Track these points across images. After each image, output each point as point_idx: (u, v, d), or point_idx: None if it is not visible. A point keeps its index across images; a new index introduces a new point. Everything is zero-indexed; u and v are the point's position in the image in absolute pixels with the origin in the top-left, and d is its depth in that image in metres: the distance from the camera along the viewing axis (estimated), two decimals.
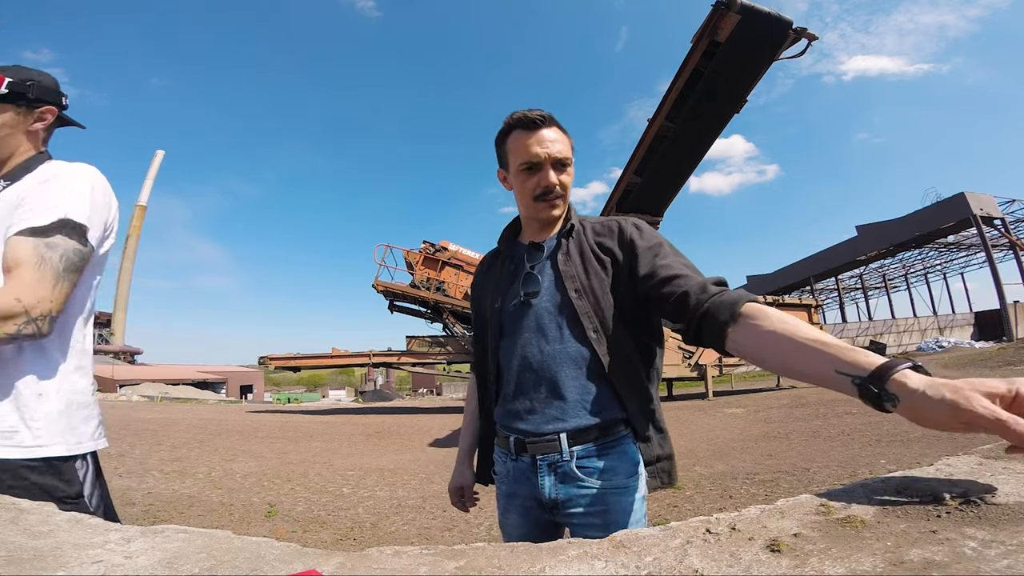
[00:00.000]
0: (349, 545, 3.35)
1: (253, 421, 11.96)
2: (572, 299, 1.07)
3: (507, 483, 1.14)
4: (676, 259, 1.04)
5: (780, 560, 0.44)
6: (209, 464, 6.18)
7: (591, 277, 1.08)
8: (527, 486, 1.09)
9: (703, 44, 6.37)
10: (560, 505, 1.05)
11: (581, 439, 1.03)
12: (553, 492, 1.05)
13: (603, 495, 1.02)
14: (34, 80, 1.14)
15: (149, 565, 0.52)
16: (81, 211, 1.03)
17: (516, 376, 1.10)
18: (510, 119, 1.12)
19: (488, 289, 1.23)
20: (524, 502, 1.10)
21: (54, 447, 1.00)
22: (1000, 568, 0.38)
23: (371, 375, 53.39)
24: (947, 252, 30.60)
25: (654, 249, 1.06)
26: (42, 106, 1.15)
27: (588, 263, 1.09)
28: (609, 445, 1.04)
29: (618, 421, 1.05)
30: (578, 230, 1.15)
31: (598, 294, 1.06)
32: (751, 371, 18.73)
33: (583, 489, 1.03)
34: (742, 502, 3.77)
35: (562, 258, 1.11)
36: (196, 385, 33.46)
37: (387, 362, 13.76)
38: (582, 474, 1.03)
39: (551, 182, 1.09)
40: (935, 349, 22.86)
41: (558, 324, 1.07)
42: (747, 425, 7.53)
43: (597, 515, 1.02)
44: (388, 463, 6.24)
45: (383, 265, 13.47)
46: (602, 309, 1.06)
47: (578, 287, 1.07)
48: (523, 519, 1.12)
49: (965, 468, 0.61)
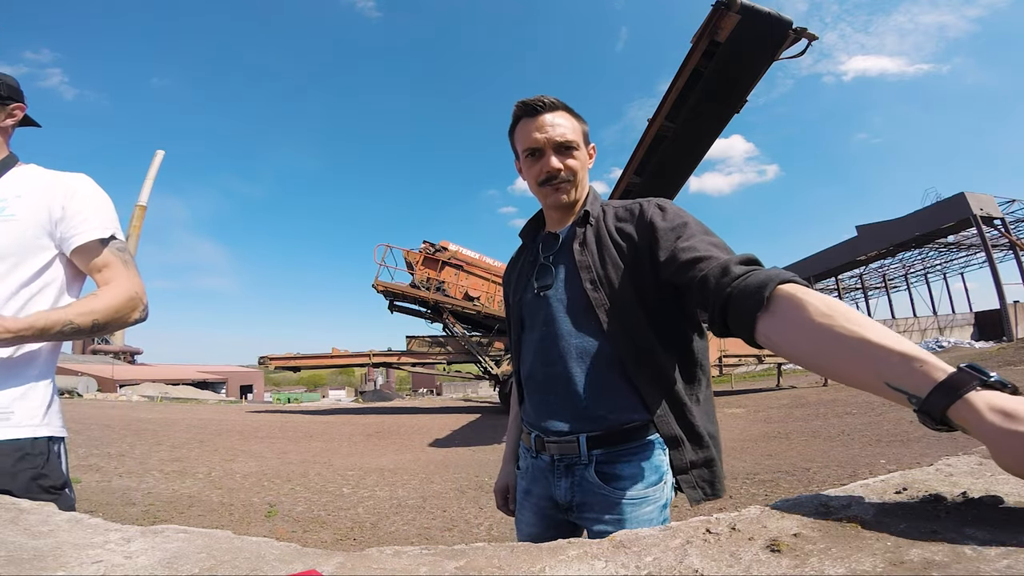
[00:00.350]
0: (349, 545, 3.35)
1: (253, 421, 11.96)
2: (587, 290, 1.00)
3: (526, 479, 1.12)
4: (703, 239, 0.91)
5: (780, 560, 0.44)
6: (209, 464, 6.18)
7: (608, 266, 1.00)
8: (543, 485, 1.06)
9: (703, 44, 6.37)
10: (575, 508, 1.01)
11: (601, 442, 0.98)
12: (568, 495, 1.01)
13: (619, 504, 0.95)
14: (3, 78, 1.16)
15: (149, 565, 0.52)
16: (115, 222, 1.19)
17: (534, 372, 1.07)
18: (515, 108, 1.09)
19: (512, 283, 1.21)
20: (539, 501, 1.08)
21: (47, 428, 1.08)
22: (1000, 568, 0.38)
23: (371, 375, 53.38)
24: (947, 252, 30.58)
25: (677, 230, 0.94)
26: (12, 103, 1.16)
27: (605, 251, 1.02)
28: (631, 451, 0.97)
29: (642, 424, 0.97)
30: (597, 216, 1.08)
31: (615, 284, 0.99)
32: (751, 371, 18.71)
33: (599, 496, 0.97)
34: (742, 502, 3.77)
35: (578, 247, 1.05)
36: (196, 385, 33.46)
37: (387, 362, 13.76)
38: (600, 479, 0.97)
39: (553, 167, 1.05)
40: (935, 349, 22.84)
41: (573, 317, 1.02)
42: (747, 425, 7.53)
43: (611, 523, 0.95)
44: (388, 463, 6.23)
45: (383, 265, 13.46)
46: (620, 300, 0.98)
47: (593, 277, 1.01)
48: (536, 517, 1.09)
49: (965, 468, 0.61)
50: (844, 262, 30.99)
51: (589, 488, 0.99)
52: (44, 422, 1.06)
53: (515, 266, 1.24)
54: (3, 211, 1.06)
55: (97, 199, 1.16)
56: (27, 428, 1.02)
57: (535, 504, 1.09)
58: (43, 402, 1.07)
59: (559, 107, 1.07)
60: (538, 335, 1.06)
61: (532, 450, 1.09)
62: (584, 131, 1.11)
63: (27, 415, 1.03)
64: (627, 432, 0.97)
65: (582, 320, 1.01)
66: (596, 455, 0.98)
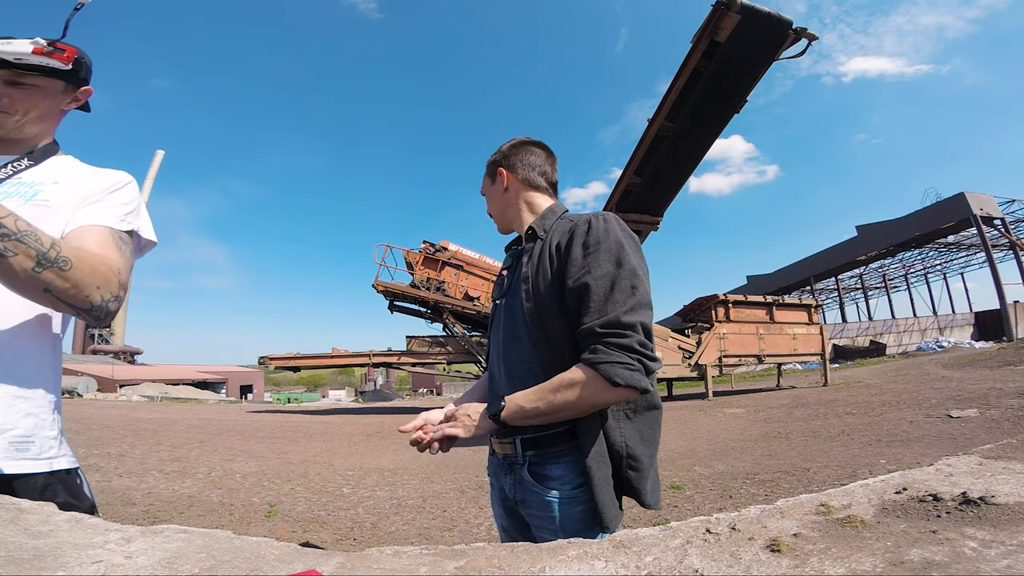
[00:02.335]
0: (349, 545, 3.35)
1: (253, 421, 11.96)
2: (522, 300, 1.08)
3: (491, 474, 1.24)
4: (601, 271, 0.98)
5: (780, 560, 0.44)
6: (209, 464, 6.18)
7: (539, 278, 1.07)
8: (499, 479, 1.18)
9: (703, 44, 6.37)
10: (519, 503, 1.11)
11: (533, 445, 1.06)
12: (512, 490, 1.11)
13: (551, 503, 1.03)
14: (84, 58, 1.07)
15: (149, 565, 0.52)
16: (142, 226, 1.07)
17: (492, 375, 1.20)
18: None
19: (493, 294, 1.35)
20: (500, 494, 1.19)
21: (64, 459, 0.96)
22: (1000, 568, 0.38)
23: (371, 375, 53.35)
24: (947, 252, 30.58)
25: (587, 261, 1.00)
26: (84, 86, 1.10)
27: (542, 264, 1.09)
28: (556, 454, 1.04)
29: (566, 430, 1.03)
30: (548, 230, 1.15)
31: (543, 295, 1.05)
32: (751, 371, 18.73)
33: (534, 493, 1.06)
34: (742, 502, 3.77)
35: (525, 260, 1.14)
36: (196, 385, 33.48)
37: (387, 362, 13.75)
38: (533, 479, 1.06)
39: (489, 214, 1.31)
40: (935, 349, 22.84)
41: (512, 326, 1.12)
42: (747, 425, 7.53)
43: (547, 520, 1.03)
44: (388, 463, 6.23)
45: (383, 265, 13.45)
46: (545, 311, 1.04)
47: (528, 289, 1.08)
48: (502, 509, 1.20)
49: (965, 468, 0.61)
50: (844, 262, 30.98)
51: (526, 486, 1.08)
52: (61, 452, 0.96)
53: (497, 279, 1.38)
54: (36, 195, 0.97)
55: (129, 197, 1.04)
56: (44, 462, 0.91)
57: (498, 496, 1.21)
58: (58, 429, 0.97)
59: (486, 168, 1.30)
60: (495, 341, 1.20)
61: (491, 448, 1.21)
62: (492, 168, 1.28)
63: (45, 445, 0.92)
64: (553, 437, 1.04)
65: (517, 330, 1.11)
66: (529, 456, 1.07)
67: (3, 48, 0.93)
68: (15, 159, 1.00)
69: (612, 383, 0.92)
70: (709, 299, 12.23)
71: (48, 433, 0.93)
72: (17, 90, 0.98)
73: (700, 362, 11.70)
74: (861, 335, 26.96)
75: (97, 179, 1.03)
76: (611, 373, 0.92)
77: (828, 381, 12.19)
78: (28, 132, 1.02)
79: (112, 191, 1.02)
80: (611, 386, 0.92)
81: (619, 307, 0.95)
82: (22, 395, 0.89)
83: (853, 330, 27.73)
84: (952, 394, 7.41)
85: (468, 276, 13.48)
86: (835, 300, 36.81)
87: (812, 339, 12.94)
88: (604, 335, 0.94)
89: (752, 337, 12.23)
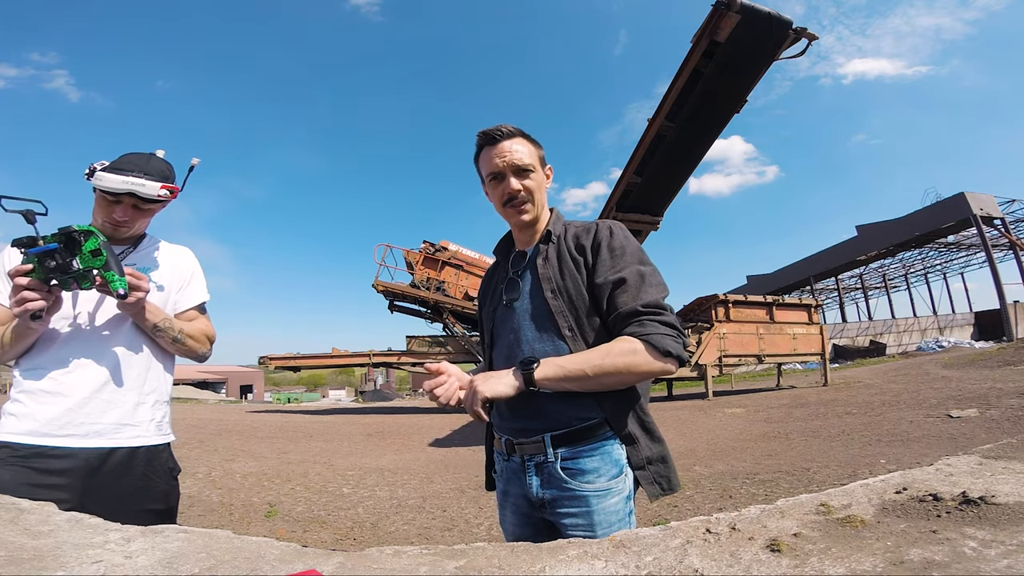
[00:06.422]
0: (349, 545, 3.35)
1: (253, 421, 11.96)
2: (548, 299, 1.11)
3: (502, 481, 1.21)
4: (633, 269, 1.07)
5: (780, 560, 0.44)
6: (209, 464, 6.17)
7: (566, 277, 1.11)
8: (518, 484, 1.14)
9: (703, 44, 6.37)
10: (547, 504, 1.09)
11: (564, 441, 1.06)
12: (540, 492, 1.09)
13: (587, 497, 1.04)
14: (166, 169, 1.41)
15: (149, 565, 0.52)
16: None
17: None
18: (477, 138, 1.20)
19: (485, 298, 1.32)
20: (516, 500, 1.16)
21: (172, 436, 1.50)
22: (1000, 568, 0.38)
23: (371, 375, 53.35)
24: (947, 252, 30.57)
25: (615, 259, 1.09)
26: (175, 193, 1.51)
27: (564, 264, 1.13)
28: (592, 447, 1.06)
29: (598, 423, 1.06)
30: (559, 235, 1.20)
31: (572, 293, 1.10)
32: (751, 371, 18.73)
33: (567, 491, 1.05)
34: (742, 502, 3.77)
35: (541, 262, 1.16)
36: (196, 385, 33.48)
37: (387, 362, 13.76)
38: (566, 475, 1.06)
39: (513, 188, 1.16)
40: (935, 349, 22.84)
41: (536, 325, 1.12)
42: (747, 425, 7.53)
43: (582, 516, 1.04)
44: (388, 463, 6.23)
45: (383, 265, 13.46)
46: (576, 307, 1.09)
47: (553, 287, 1.11)
48: (516, 516, 1.17)
49: (965, 468, 0.61)
50: (844, 262, 30.97)
51: (557, 483, 1.07)
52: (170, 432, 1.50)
53: (490, 282, 1.36)
54: (157, 282, 1.44)
55: (199, 271, 1.59)
56: (167, 436, 1.47)
57: (513, 504, 1.17)
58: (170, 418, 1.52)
59: (516, 134, 1.18)
60: (507, 343, 1.17)
61: (504, 453, 1.17)
62: (540, 155, 1.22)
63: (167, 428, 1.47)
64: (586, 430, 1.06)
65: (544, 327, 1.11)
66: (561, 452, 1.07)
67: (140, 188, 1.30)
68: (126, 248, 1.44)
69: (663, 352, 0.99)
70: (709, 299, 12.22)
71: (167, 420, 1.49)
72: (138, 211, 1.38)
73: (700, 362, 11.69)
74: (861, 335, 26.96)
75: (183, 263, 1.55)
76: (662, 343, 0.99)
77: (828, 381, 12.18)
78: (135, 234, 1.46)
79: (195, 272, 1.57)
80: (661, 355, 0.99)
81: (655, 293, 1.05)
82: (160, 399, 1.45)
83: (853, 330, 27.73)
84: (952, 394, 7.41)
85: (468, 276, 13.48)
86: (835, 300, 36.81)
87: (812, 339, 12.93)
88: (647, 313, 1.02)
89: (752, 337, 12.22)
